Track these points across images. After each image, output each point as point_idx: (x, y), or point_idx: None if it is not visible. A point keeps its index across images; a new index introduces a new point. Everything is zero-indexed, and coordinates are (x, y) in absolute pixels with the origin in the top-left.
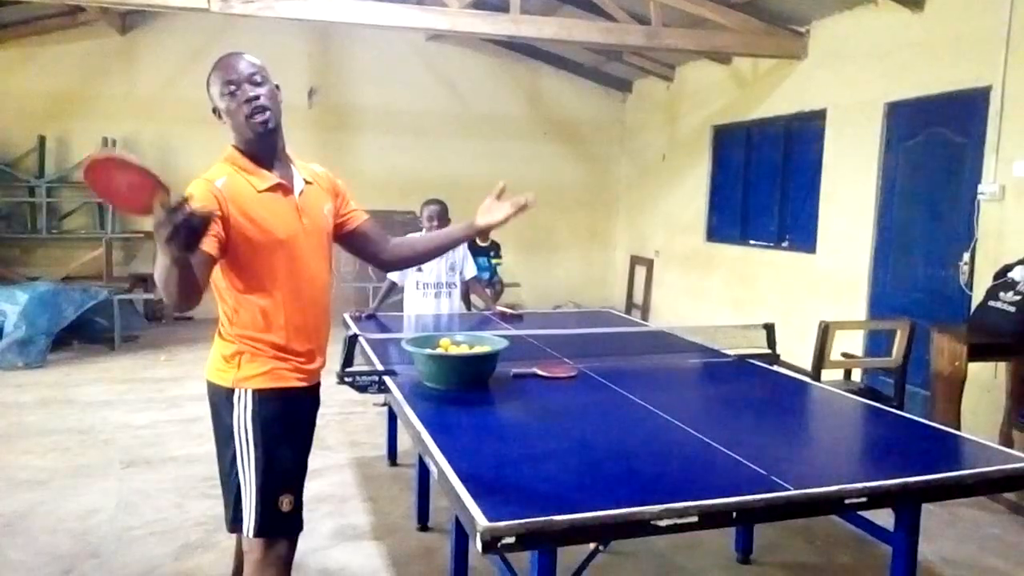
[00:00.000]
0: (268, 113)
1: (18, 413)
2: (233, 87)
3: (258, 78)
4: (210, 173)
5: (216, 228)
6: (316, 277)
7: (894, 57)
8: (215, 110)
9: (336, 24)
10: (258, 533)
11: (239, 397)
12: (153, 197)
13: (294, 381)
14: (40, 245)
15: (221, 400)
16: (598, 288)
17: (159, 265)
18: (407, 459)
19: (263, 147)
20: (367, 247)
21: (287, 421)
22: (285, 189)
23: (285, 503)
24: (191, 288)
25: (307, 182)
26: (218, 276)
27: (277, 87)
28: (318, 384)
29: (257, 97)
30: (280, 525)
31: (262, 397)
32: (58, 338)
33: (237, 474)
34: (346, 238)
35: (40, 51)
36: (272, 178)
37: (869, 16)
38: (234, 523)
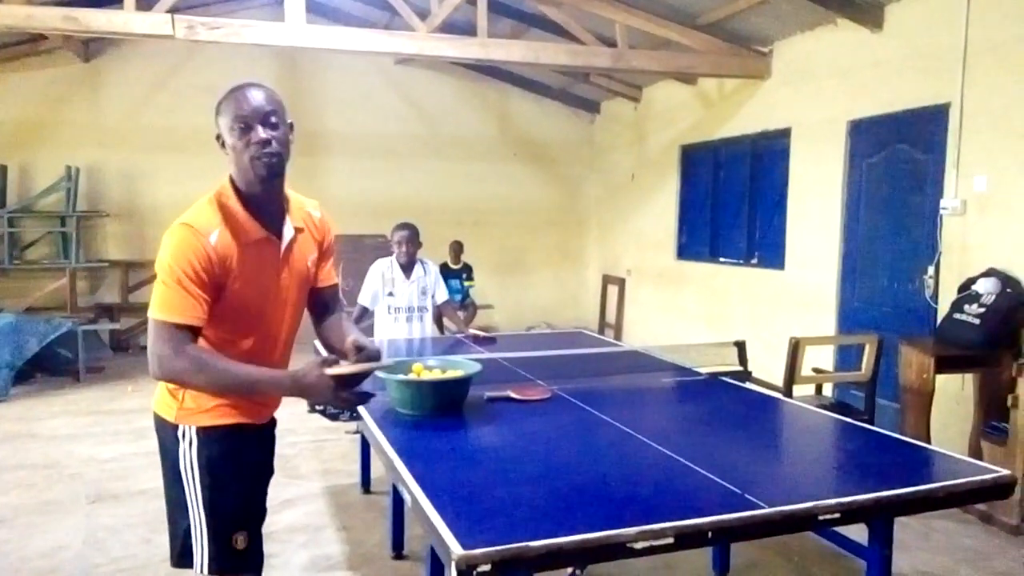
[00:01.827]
0: (277, 159)
1: None
2: (244, 124)
3: (274, 119)
4: (200, 219)
5: (205, 296)
6: (285, 324)
7: (856, 76)
8: (219, 137)
9: (303, 49)
10: (214, 571)
11: (183, 433)
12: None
13: (240, 418)
14: (2, 276)
15: (167, 435)
16: (571, 308)
17: (246, 383)
18: (381, 486)
19: (263, 192)
20: (313, 308)
21: (234, 460)
22: (272, 244)
23: (239, 540)
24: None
25: (298, 230)
26: None
27: (291, 126)
28: (272, 422)
29: (269, 142)
30: (237, 562)
31: (207, 435)
32: (21, 371)
33: (186, 510)
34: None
35: (2, 79)
36: (261, 232)
37: (830, 36)
38: (180, 559)
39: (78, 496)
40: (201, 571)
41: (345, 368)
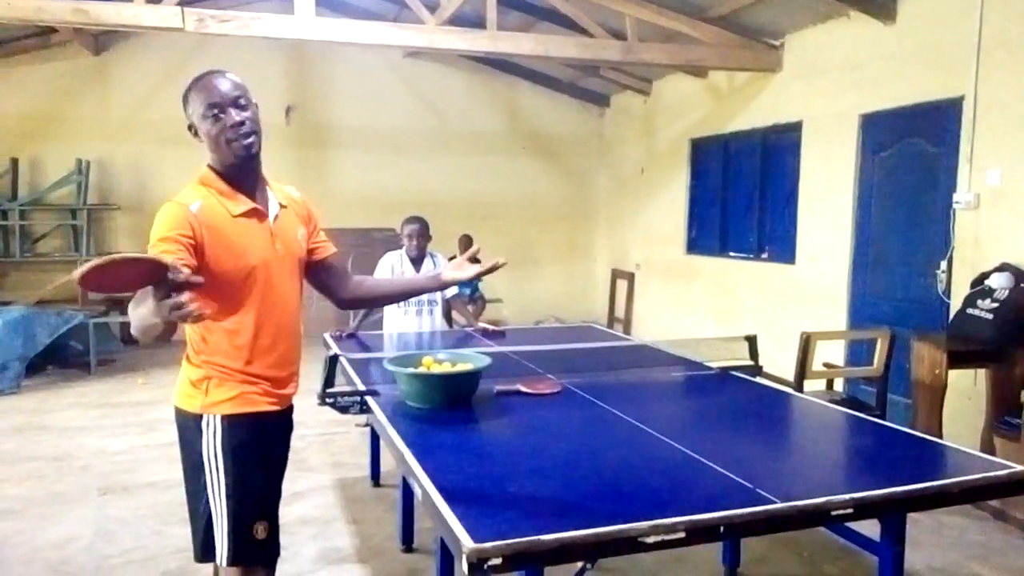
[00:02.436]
0: (254, 138)
1: None
2: (216, 110)
3: (243, 101)
4: (184, 195)
5: (188, 258)
6: (287, 302)
7: (868, 69)
8: (191, 127)
9: (313, 42)
10: (233, 562)
11: (208, 423)
12: (146, 274)
13: (264, 405)
14: (13, 269)
15: (190, 427)
16: (580, 302)
17: (141, 316)
18: (391, 479)
19: (243, 171)
20: (328, 281)
21: (258, 446)
22: (260, 214)
23: (260, 530)
24: (169, 333)
25: (282, 206)
26: None
27: (256, 106)
28: (291, 408)
29: (243, 123)
30: (256, 553)
31: (231, 423)
32: (32, 363)
33: (208, 503)
34: (310, 268)
35: (12, 72)
36: (248, 203)
37: (842, 28)
38: (204, 553)
39: (89, 488)
40: (221, 563)
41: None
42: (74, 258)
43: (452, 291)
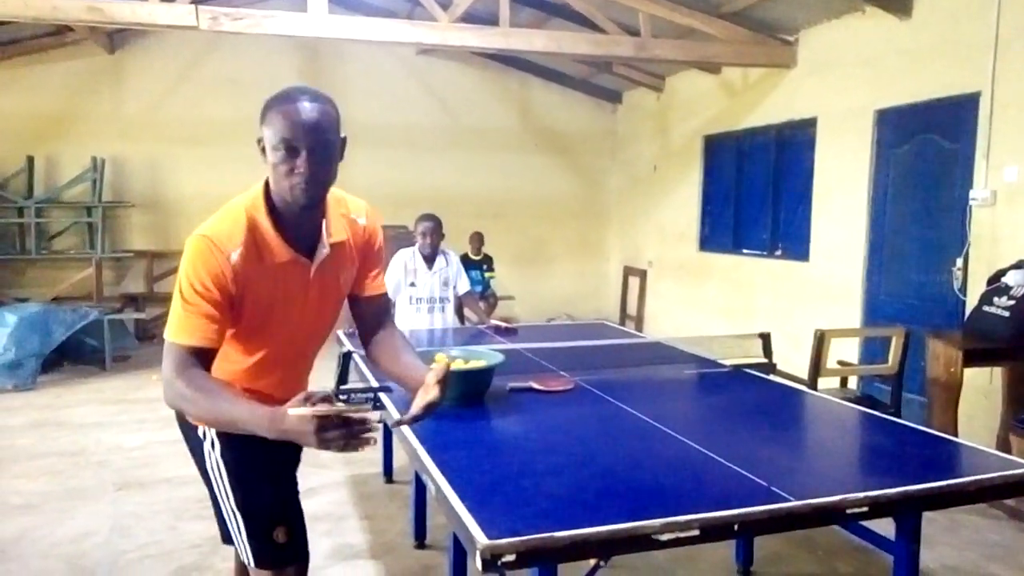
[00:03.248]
0: (320, 193)
1: (9, 436)
2: (289, 147)
3: (324, 143)
4: (223, 231)
5: (220, 317)
6: (310, 337)
7: (883, 64)
8: (260, 143)
9: (325, 40)
10: (259, 565)
11: (204, 434)
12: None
13: None
14: (29, 266)
15: (192, 436)
16: (591, 300)
17: (231, 422)
18: (403, 476)
19: (299, 216)
20: (361, 320)
21: (258, 459)
22: (302, 265)
23: (279, 535)
24: None
25: (335, 245)
26: None
27: (344, 140)
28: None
29: (314, 175)
30: (280, 555)
31: (227, 438)
32: (48, 360)
33: (222, 511)
34: (350, 297)
35: (28, 71)
36: (289, 254)
37: (857, 24)
38: (226, 538)
39: (105, 483)
40: (250, 566)
41: (319, 408)
42: (89, 255)
43: (463, 288)
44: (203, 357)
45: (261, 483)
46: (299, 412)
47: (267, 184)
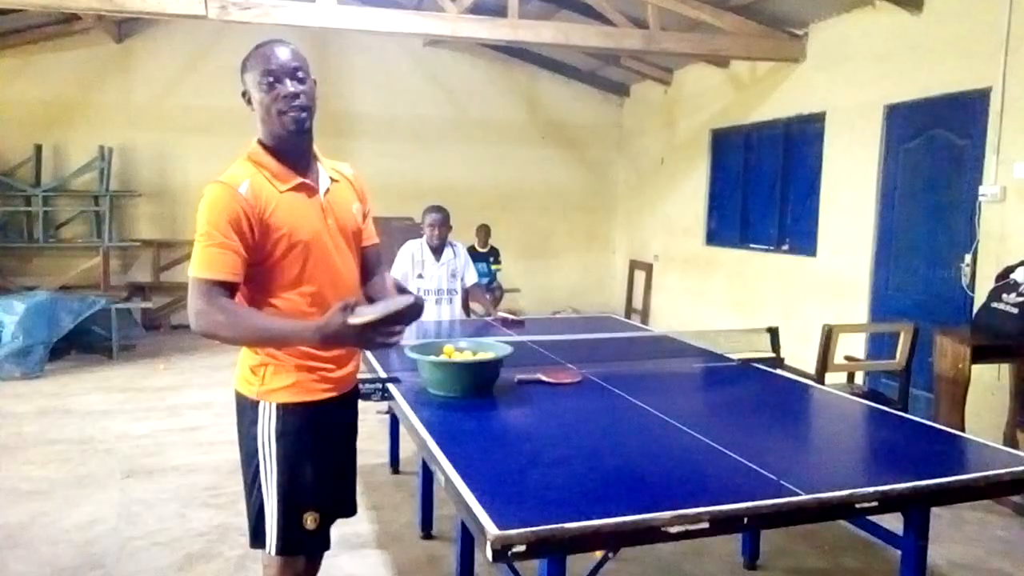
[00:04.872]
0: (306, 113)
1: (17, 423)
2: (272, 79)
3: (301, 74)
4: (231, 175)
5: (240, 250)
6: (344, 277)
7: (893, 59)
8: (245, 94)
9: (333, 30)
10: (281, 551)
11: (263, 410)
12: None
13: (320, 394)
14: (37, 254)
15: (247, 412)
16: (597, 293)
17: (277, 337)
18: (410, 466)
19: (292, 145)
20: (359, 269)
21: (313, 436)
22: (310, 189)
23: (309, 520)
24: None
25: (333, 180)
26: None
27: (314, 82)
28: (352, 391)
29: (298, 95)
30: (304, 543)
31: (286, 411)
32: (56, 348)
33: (260, 490)
34: None
35: (36, 59)
36: (296, 178)
37: (867, 18)
38: (255, 539)
39: (112, 471)
40: (269, 551)
41: (367, 316)
42: (96, 244)
43: (471, 280)
44: (227, 290)
45: (310, 462)
46: (356, 321)
47: (258, 139)
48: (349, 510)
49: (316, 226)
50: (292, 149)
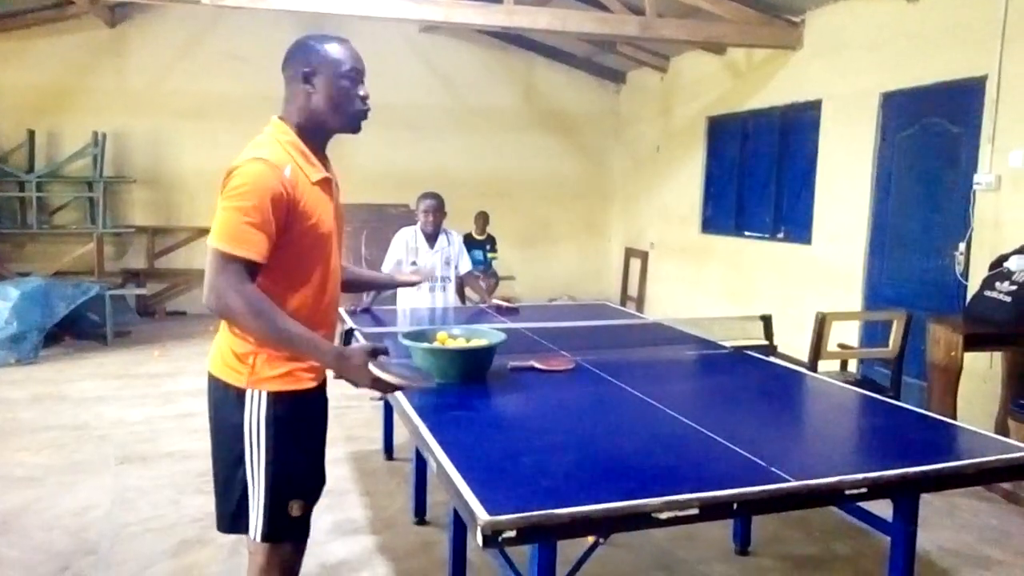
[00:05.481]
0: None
1: (11, 409)
2: (356, 75)
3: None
4: (272, 154)
5: (273, 233)
6: (338, 273)
7: (890, 47)
8: (308, 77)
9: (328, 16)
10: (266, 537)
11: (252, 398)
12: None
13: (307, 382)
14: (31, 240)
15: (229, 399)
16: (593, 281)
17: (294, 344)
18: (403, 453)
19: (326, 140)
20: None
21: (301, 424)
22: (329, 184)
23: (295, 508)
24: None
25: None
26: None
27: None
28: (325, 380)
29: (367, 97)
30: (289, 530)
31: (277, 399)
32: (50, 334)
33: (244, 475)
34: None
35: (29, 45)
36: (322, 172)
37: (864, 6)
38: (232, 525)
39: (107, 457)
40: (254, 538)
41: (390, 377)
42: (90, 230)
43: (465, 267)
44: (253, 274)
45: (296, 451)
46: (376, 371)
47: (283, 119)
48: (319, 496)
49: (331, 222)
50: (324, 143)
